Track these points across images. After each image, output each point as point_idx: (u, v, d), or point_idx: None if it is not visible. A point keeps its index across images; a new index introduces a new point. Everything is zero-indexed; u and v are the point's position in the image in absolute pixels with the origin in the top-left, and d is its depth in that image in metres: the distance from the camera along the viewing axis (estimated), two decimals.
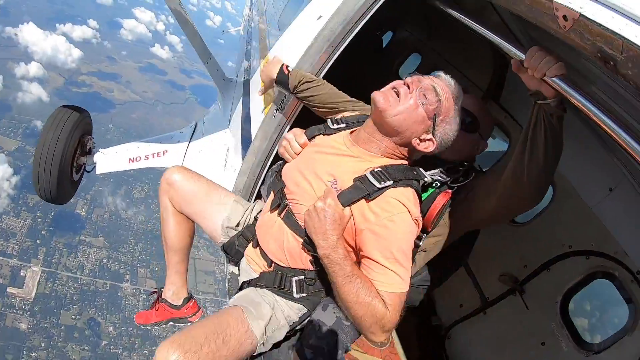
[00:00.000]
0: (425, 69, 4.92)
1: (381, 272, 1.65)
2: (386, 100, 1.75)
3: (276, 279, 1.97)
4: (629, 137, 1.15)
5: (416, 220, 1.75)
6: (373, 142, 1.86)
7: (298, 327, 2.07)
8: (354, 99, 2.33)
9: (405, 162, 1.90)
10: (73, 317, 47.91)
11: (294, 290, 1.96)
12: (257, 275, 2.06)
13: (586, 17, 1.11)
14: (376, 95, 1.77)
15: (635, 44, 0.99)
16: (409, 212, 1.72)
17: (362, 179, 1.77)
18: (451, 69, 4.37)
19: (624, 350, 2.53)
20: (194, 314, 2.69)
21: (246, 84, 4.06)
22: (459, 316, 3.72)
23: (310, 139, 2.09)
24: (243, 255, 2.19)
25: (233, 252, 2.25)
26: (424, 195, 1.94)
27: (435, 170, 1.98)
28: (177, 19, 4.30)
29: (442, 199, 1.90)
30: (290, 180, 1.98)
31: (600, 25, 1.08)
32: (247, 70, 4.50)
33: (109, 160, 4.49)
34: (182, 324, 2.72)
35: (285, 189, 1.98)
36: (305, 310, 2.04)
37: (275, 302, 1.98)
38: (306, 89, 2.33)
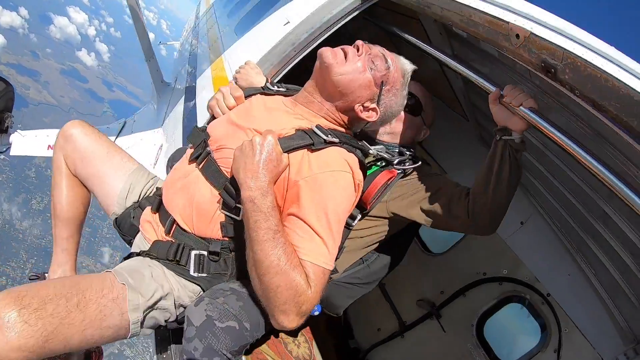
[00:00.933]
0: None
1: (307, 237, 1.40)
2: (334, 57, 1.59)
3: (171, 249, 1.58)
4: (595, 161, 1.35)
5: (357, 186, 1.57)
6: (314, 103, 1.68)
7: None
8: None
9: (346, 132, 1.74)
10: None
11: (192, 266, 1.58)
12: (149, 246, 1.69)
13: (535, 34, 1.39)
14: (323, 50, 1.61)
15: (573, 53, 1.27)
16: (353, 173, 1.54)
17: (306, 130, 1.58)
18: None
19: None
20: None
21: (190, 88, 4.02)
22: (376, 340, 3.79)
23: (246, 97, 1.86)
24: (138, 230, 1.80)
25: (127, 226, 1.85)
26: (367, 173, 1.82)
27: (380, 146, 1.92)
28: (131, 13, 4.52)
29: (385, 176, 1.82)
30: (218, 131, 1.70)
31: (546, 40, 1.36)
32: (192, 74, 4.47)
33: (26, 143, 4.22)
34: None
35: (209, 140, 1.68)
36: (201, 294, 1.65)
37: (165, 277, 1.57)
38: None
